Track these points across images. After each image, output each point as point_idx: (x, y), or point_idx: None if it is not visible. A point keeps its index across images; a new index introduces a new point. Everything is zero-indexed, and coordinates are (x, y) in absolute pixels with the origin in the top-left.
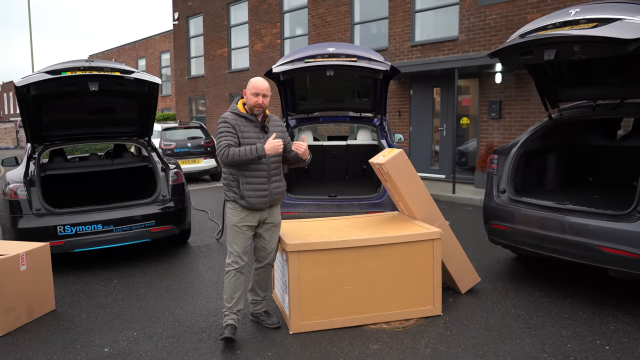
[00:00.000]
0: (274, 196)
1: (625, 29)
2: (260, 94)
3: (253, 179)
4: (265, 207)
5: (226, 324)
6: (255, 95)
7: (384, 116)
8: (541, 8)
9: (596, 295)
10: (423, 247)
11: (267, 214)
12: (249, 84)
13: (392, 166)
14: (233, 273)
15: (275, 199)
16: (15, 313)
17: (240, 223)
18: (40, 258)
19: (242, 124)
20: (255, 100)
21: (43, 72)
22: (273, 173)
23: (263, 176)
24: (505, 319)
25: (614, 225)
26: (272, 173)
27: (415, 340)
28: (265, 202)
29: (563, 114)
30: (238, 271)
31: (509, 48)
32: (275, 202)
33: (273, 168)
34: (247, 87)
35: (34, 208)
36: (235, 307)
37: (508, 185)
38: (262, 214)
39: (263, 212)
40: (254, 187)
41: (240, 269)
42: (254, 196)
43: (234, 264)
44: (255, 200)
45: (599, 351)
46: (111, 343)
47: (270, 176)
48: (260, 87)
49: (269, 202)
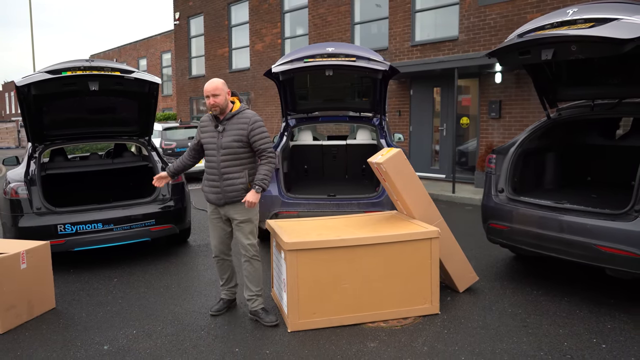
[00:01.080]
0: (227, 193)
1: (622, 29)
2: (209, 95)
3: (208, 175)
4: (220, 203)
5: (219, 299)
6: (206, 97)
7: (384, 116)
8: (541, 8)
9: (594, 294)
10: (421, 245)
11: (231, 211)
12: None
13: (391, 165)
14: (215, 261)
15: (229, 197)
16: (16, 311)
17: (211, 215)
18: (40, 256)
19: (206, 124)
20: (208, 102)
21: (43, 72)
22: (224, 171)
23: (214, 174)
24: (502, 318)
25: (612, 224)
26: (223, 171)
27: (412, 338)
28: (219, 197)
29: (561, 114)
30: (219, 259)
31: (507, 48)
32: (230, 199)
33: (223, 167)
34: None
35: (35, 207)
36: (227, 285)
37: (506, 185)
38: (224, 209)
39: (224, 207)
40: (209, 182)
41: (218, 258)
42: (208, 192)
43: (214, 254)
44: (210, 196)
45: (596, 349)
46: (111, 341)
47: (221, 174)
48: (206, 90)
49: (223, 199)
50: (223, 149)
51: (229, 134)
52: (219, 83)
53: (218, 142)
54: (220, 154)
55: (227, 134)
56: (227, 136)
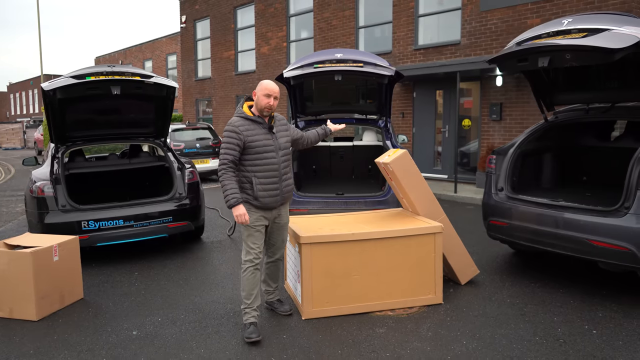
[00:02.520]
0: (285, 194)
1: (612, 39)
2: (272, 95)
3: (265, 179)
4: (277, 205)
5: (249, 322)
6: (267, 96)
7: (389, 118)
8: (540, 14)
9: (587, 286)
10: (425, 240)
11: (277, 213)
12: (260, 85)
13: (397, 165)
14: (251, 270)
15: (286, 197)
16: (49, 300)
17: (255, 222)
18: (70, 250)
19: (250, 127)
20: (267, 101)
21: (69, 77)
22: (283, 172)
23: (275, 176)
24: (501, 307)
25: (603, 220)
26: (283, 172)
27: (418, 325)
28: (277, 200)
29: (558, 117)
30: (255, 268)
31: (507, 55)
32: (286, 200)
33: (283, 167)
34: (257, 88)
35: (60, 204)
36: (255, 304)
37: (506, 184)
38: (273, 212)
39: (276, 209)
40: (267, 187)
41: (257, 265)
42: (267, 196)
43: (253, 260)
44: (268, 200)
45: (587, 335)
46: (139, 327)
47: (281, 175)
48: (272, 89)
49: (281, 201)
50: (281, 149)
51: (281, 135)
52: (278, 87)
53: (275, 143)
54: (280, 154)
55: (280, 135)
56: (281, 137)
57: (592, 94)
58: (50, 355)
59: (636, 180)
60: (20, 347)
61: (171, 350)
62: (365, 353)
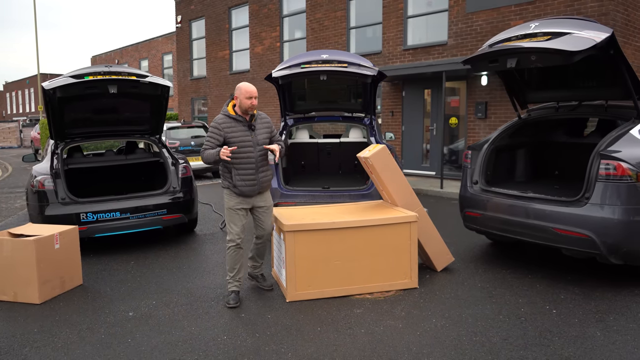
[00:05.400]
0: (262, 184)
1: (573, 42)
2: (253, 96)
3: (243, 171)
4: (254, 194)
5: (230, 291)
6: (249, 98)
7: (373, 116)
8: (523, 15)
9: (555, 273)
10: (401, 228)
11: (259, 199)
12: (239, 90)
13: (376, 159)
14: (233, 249)
15: (263, 187)
16: (51, 285)
17: (236, 206)
18: (70, 238)
19: (231, 125)
20: (250, 102)
21: (68, 77)
22: (260, 165)
23: (251, 168)
24: (472, 291)
25: (566, 209)
26: (259, 165)
27: (393, 306)
28: (255, 189)
29: (531, 114)
30: (237, 247)
31: (479, 57)
32: (264, 188)
33: (259, 161)
34: (238, 92)
35: (60, 197)
36: (237, 276)
37: (480, 177)
38: (253, 199)
39: (255, 197)
40: (244, 177)
41: (239, 245)
42: (244, 185)
43: (234, 240)
44: (245, 189)
45: (547, 314)
46: (134, 309)
47: (257, 167)
48: (253, 92)
49: (258, 190)
50: (259, 145)
51: (260, 132)
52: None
53: (254, 139)
54: (257, 150)
55: (260, 132)
56: (260, 134)
57: (561, 93)
58: (52, 333)
59: (596, 172)
60: (24, 327)
61: (164, 329)
62: (342, 330)
